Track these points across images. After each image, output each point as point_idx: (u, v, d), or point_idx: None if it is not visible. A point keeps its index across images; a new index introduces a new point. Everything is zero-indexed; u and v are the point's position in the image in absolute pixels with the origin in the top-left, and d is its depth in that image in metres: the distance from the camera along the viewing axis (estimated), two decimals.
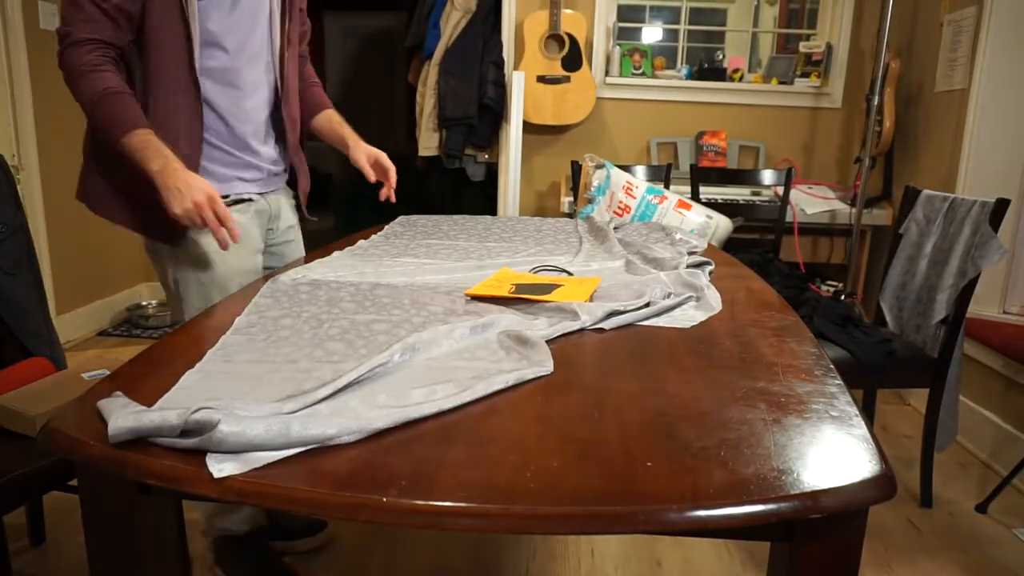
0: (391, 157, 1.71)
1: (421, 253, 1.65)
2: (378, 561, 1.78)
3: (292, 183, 1.70)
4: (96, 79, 1.32)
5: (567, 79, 3.39)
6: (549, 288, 1.29)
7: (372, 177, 1.67)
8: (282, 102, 1.55)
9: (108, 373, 1.00)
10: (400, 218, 2.22)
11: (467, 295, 1.25)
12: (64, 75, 1.34)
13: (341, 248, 1.71)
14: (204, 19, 1.35)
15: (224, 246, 1.31)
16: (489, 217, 2.26)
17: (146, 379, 0.86)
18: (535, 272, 1.50)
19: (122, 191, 1.46)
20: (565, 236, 1.97)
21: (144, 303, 3.71)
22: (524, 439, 0.74)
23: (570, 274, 1.49)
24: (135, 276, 3.84)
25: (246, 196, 1.52)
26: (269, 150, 1.56)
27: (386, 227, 2.05)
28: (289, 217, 1.68)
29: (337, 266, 1.48)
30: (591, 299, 1.27)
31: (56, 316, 3.13)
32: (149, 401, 0.78)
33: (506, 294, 1.24)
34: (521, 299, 1.23)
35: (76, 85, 1.34)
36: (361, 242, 1.79)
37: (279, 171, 1.62)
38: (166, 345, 1.00)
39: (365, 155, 1.68)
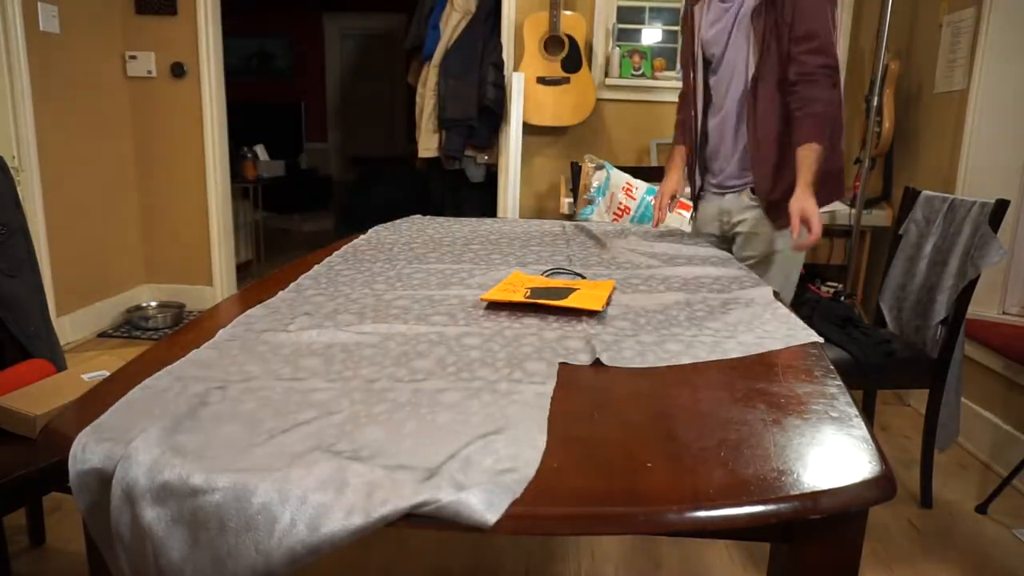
0: (390, 159, 1.94)
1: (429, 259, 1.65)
2: (378, 562, 1.78)
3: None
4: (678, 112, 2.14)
5: (567, 80, 3.40)
6: (565, 292, 1.27)
7: (795, 231, 1.75)
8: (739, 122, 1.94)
9: (108, 374, 1.00)
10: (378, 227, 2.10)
11: (483, 300, 1.25)
12: None
13: (336, 249, 1.70)
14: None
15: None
16: (475, 220, 2.26)
17: (145, 379, 0.86)
18: (548, 275, 1.49)
19: None
20: (552, 239, 1.97)
21: (144, 304, 3.71)
22: None
23: (583, 277, 1.48)
24: (135, 278, 3.84)
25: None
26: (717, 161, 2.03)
27: (359, 237, 1.93)
28: (743, 214, 1.98)
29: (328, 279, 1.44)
30: (608, 303, 1.25)
31: (56, 318, 3.13)
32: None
33: (521, 299, 1.23)
34: (537, 304, 1.22)
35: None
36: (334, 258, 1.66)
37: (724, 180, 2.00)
38: (166, 346, 1.00)
39: (798, 209, 1.75)
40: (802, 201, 1.73)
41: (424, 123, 3.60)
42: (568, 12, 3.38)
